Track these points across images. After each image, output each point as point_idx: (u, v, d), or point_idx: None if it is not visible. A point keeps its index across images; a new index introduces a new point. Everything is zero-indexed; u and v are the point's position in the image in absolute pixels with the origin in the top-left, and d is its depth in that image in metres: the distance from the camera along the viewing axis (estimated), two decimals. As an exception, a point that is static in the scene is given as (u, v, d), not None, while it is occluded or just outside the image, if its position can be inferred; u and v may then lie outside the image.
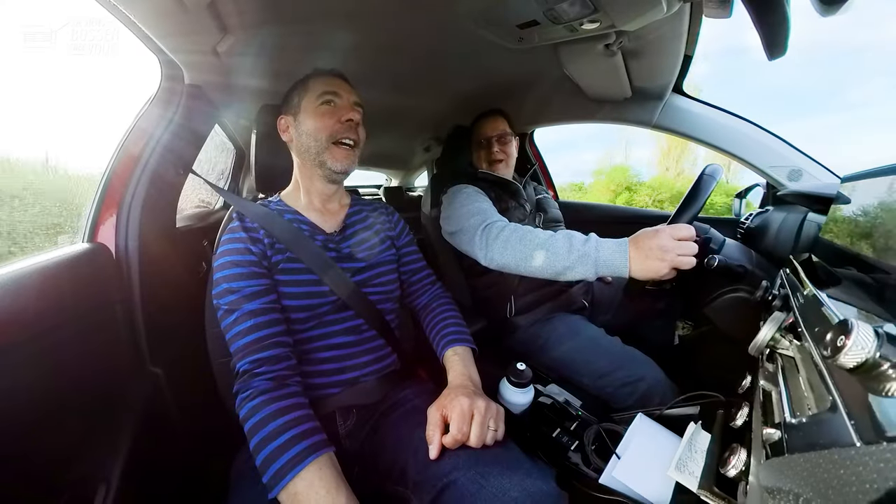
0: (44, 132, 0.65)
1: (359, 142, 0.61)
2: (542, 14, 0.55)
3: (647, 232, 0.54)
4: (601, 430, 0.57)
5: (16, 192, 0.76)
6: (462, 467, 0.41)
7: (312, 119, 0.58)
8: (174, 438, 0.62)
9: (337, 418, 0.55)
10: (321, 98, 0.59)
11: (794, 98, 56.21)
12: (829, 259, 0.52)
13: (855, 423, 0.21)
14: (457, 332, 0.62)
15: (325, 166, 0.59)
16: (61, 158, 0.75)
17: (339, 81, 0.61)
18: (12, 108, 0.64)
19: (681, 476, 0.38)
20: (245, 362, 0.48)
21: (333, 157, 0.59)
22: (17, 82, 0.65)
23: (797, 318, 0.38)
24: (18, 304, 0.44)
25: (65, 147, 0.76)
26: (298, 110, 0.60)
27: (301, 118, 0.60)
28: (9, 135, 0.69)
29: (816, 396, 0.28)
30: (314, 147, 0.59)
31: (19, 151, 0.69)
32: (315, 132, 0.58)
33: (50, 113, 0.64)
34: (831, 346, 0.24)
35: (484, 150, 0.94)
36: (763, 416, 0.34)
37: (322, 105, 0.59)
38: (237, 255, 0.53)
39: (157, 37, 0.56)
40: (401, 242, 0.69)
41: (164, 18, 0.53)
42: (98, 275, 0.57)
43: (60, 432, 0.46)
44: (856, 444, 0.20)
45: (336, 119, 0.58)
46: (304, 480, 0.40)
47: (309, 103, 0.59)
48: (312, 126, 0.58)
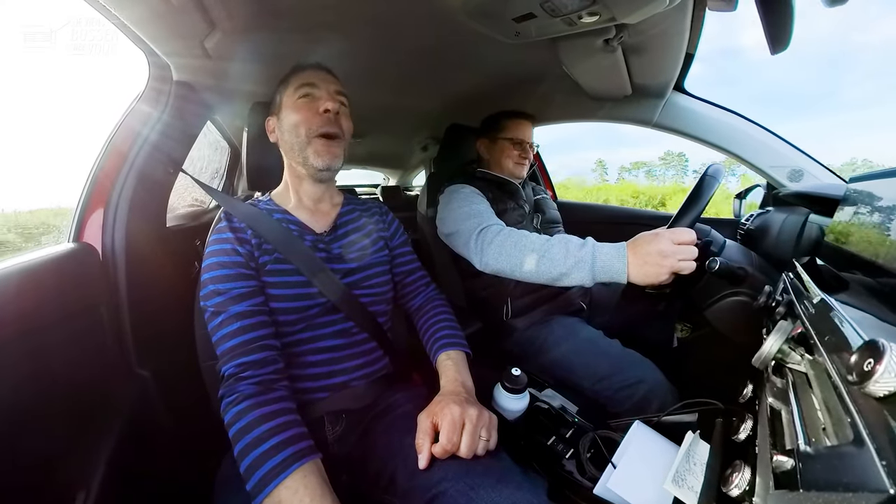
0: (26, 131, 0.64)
1: (342, 134, 0.58)
2: (538, 6, 0.53)
3: (646, 236, 0.52)
4: (597, 438, 0.56)
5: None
6: (451, 478, 0.40)
7: (291, 113, 0.57)
8: (161, 443, 0.61)
9: (326, 423, 0.54)
10: (299, 91, 0.57)
11: (783, 100, 56.61)
12: (836, 262, 0.50)
13: (887, 465, 0.18)
14: (450, 336, 0.61)
15: (307, 163, 0.57)
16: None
17: (318, 73, 0.58)
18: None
19: (679, 491, 0.37)
20: (231, 366, 0.46)
21: (316, 152, 0.56)
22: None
23: (808, 329, 0.36)
24: (1, 306, 0.42)
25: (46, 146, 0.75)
26: (280, 107, 0.59)
27: (282, 115, 0.58)
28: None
29: (834, 423, 0.25)
30: (296, 143, 0.57)
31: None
32: (294, 127, 0.56)
33: (31, 111, 0.63)
34: (857, 369, 0.21)
35: (517, 150, 0.93)
36: (771, 437, 0.32)
37: (300, 98, 0.56)
38: (224, 256, 0.51)
39: (142, 32, 0.55)
40: (394, 243, 0.68)
41: (149, 13, 0.52)
42: (84, 275, 0.56)
43: (42, 436, 0.45)
44: (889, 491, 0.17)
45: (314, 111, 0.55)
46: (289, 488, 0.39)
47: (288, 98, 0.58)
48: (292, 121, 0.56)
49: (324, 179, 0.60)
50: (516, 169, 0.94)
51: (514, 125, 0.94)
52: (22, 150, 1.91)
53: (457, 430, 0.43)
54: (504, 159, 0.94)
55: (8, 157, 0.86)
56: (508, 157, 0.94)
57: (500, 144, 0.94)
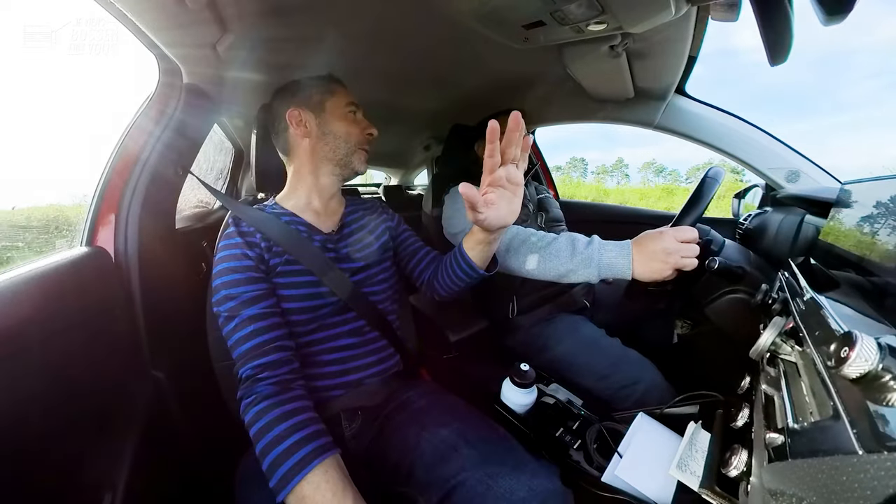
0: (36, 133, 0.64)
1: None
2: (548, 15, 0.54)
3: (651, 234, 0.54)
4: (603, 429, 0.58)
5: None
6: (470, 468, 0.42)
7: (344, 123, 0.61)
8: (178, 443, 0.62)
9: (342, 420, 0.56)
10: (349, 107, 0.63)
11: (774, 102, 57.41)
12: (828, 262, 0.53)
13: (857, 432, 0.22)
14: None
15: (349, 166, 0.63)
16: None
17: (353, 97, 0.65)
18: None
19: (682, 475, 0.39)
20: (247, 368, 0.47)
21: (359, 159, 0.63)
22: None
23: (798, 323, 0.39)
24: (18, 313, 0.43)
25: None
26: (323, 110, 0.61)
27: (327, 118, 0.61)
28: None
29: (818, 403, 0.29)
30: (343, 148, 0.61)
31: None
32: (346, 135, 0.61)
33: (42, 114, 0.63)
34: (835, 356, 0.25)
35: None
36: (765, 420, 0.35)
37: (350, 113, 0.62)
38: (234, 262, 0.52)
39: (154, 35, 0.55)
40: (399, 230, 0.71)
41: (162, 15, 0.52)
42: (98, 279, 0.56)
43: (63, 440, 0.46)
44: (858, 453, 0.21)
45: (362, 129, 0.63)
46: (311, 483, 0.40)
47: (336, 107, 0.61)
48: (344, 129, 0.61)
49: (350, 179, 0.66)
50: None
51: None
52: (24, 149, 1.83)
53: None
54: None
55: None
56: None
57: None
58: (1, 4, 0.51)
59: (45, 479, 0.43)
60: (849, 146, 45.96)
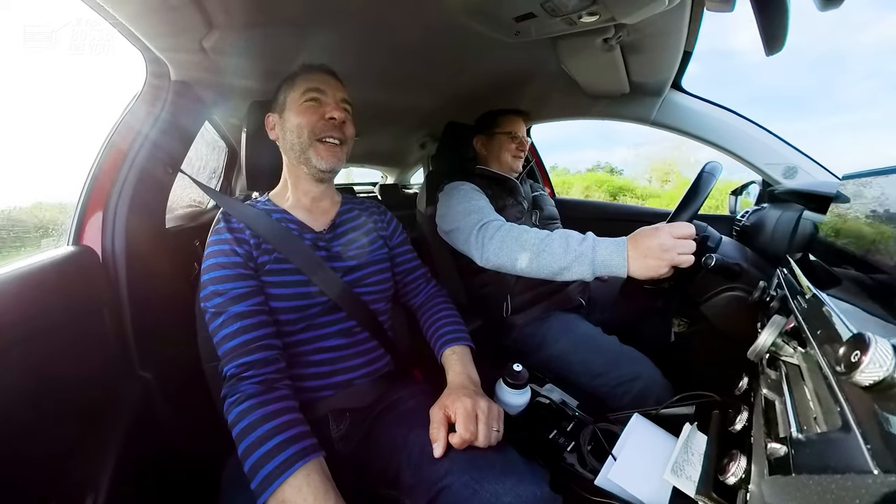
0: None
1: (345, 139, 0.59)
2: (539, 6, 0.53)
3: (647, 230, 0.53)
4: (597, 431, 0.57)
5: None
6: (456, 472, 0.41)
7: (296, 116, 0.57)
8: (165, 444, 0.61)
9: (330, 422, 0.55)
10: (306, 95, 0.57)
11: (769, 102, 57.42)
12: (828, 258, 0.52)
13: (871, 448, 0.19)
14: (454, 332, 0.61)
15: (310, 164, 0.58)
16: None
17: (326, 77, 0.59)
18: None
19: (678, 480, 0.38)
20: (232, 366, 0.47)
21: (318, 154, 0.57)
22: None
23: (800, 323, 0.37)
24: (1, 311, 0.42)
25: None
26: (284, 107, 0.59)
27: (286, 115, 0.58)
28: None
29: (825, 411, 0.26)
30: (298, 144, 0.57)
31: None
32: (298, 129, 0.57)
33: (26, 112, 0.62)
34: (844, 361, 0.22)
35: (514, 143, 0.95)
36: (766, 426, 0.33)
37: (306, 102, 0.57)
38: (222, 257, 0.52)
39: (140, 32, 0.54)
40: (394, 242, 0.68)
41: (147, 13, 0.51)
42: (84, 278, 0.56)
43: (47, 439, 0.45)
44: (873, 472, 0.18)
45: (319, 116, 0.56)
46: (292, 487, 0.39)
47: (293, 100, 0.58)
48: (295, 123, 0.57)
49: (324, 179, 0.61)
50: (514, 162, 0.95)
51: (509, 121, 0.96)
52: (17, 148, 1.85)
53: (472, 421, 0.44)
54: (502, 153, 0.95)
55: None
56: (506, 151, 0.95)
57: (497, 139, 0.95)
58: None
59: (27, 479, 0.42)
60: (849, 146, 45.51)
